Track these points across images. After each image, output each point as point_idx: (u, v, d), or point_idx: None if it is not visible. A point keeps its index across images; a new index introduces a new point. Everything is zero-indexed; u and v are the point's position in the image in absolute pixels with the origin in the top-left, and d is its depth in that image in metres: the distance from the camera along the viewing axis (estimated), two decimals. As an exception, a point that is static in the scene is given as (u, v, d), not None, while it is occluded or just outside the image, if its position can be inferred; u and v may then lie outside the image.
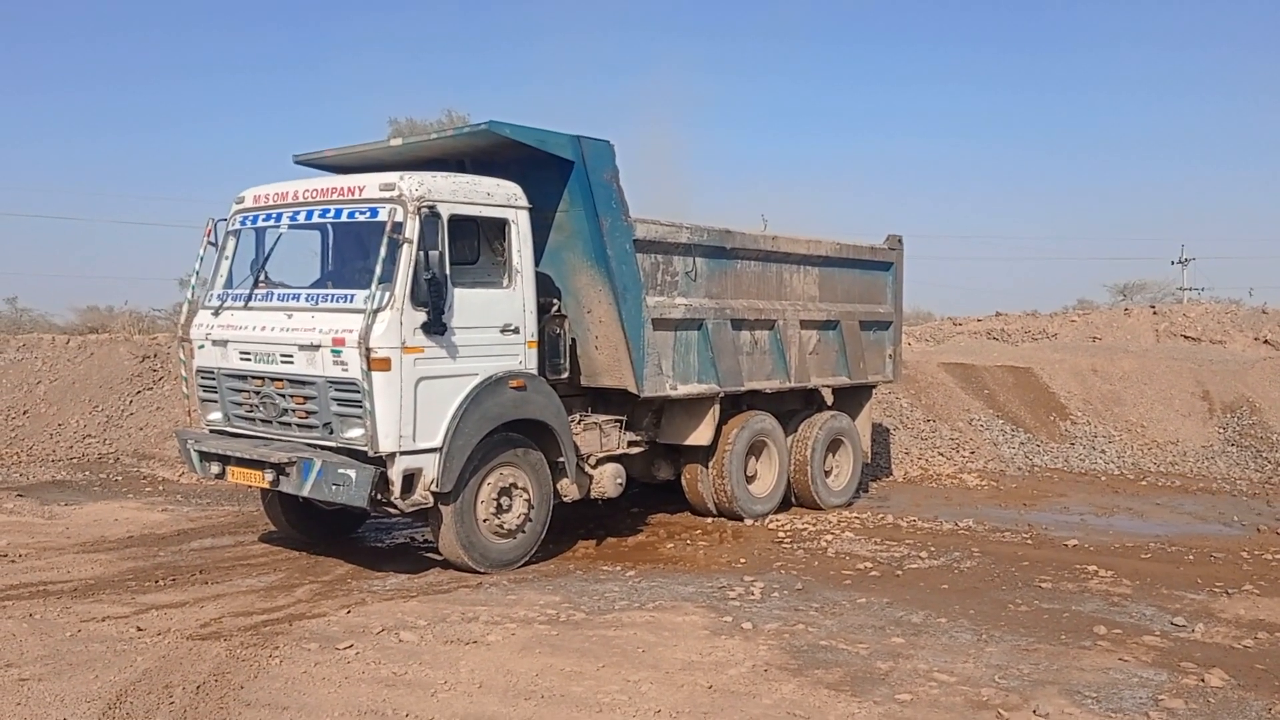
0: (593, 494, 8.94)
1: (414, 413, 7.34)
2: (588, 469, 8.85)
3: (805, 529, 9.88)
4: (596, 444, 9.01)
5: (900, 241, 12.12)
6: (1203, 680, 5.47)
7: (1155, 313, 24.03)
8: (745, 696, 5.29)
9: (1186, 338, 21.85)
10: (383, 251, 7.24)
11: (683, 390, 9.45)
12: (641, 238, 8.92)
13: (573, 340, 8.84)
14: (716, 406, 9.82)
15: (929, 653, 6.01)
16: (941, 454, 14.49)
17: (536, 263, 8.40)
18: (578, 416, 8.96)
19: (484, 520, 7.87)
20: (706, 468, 10.07)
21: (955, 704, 5.17)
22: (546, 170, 8.46)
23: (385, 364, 7.21)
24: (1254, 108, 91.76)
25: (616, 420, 9.25)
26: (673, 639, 6.23)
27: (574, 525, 9.44)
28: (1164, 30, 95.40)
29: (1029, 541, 9.40)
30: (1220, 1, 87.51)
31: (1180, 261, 49.74)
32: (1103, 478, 13.88)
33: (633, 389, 8.91)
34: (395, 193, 7.46)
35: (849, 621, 6.69)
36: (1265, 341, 21.20)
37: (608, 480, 8.96)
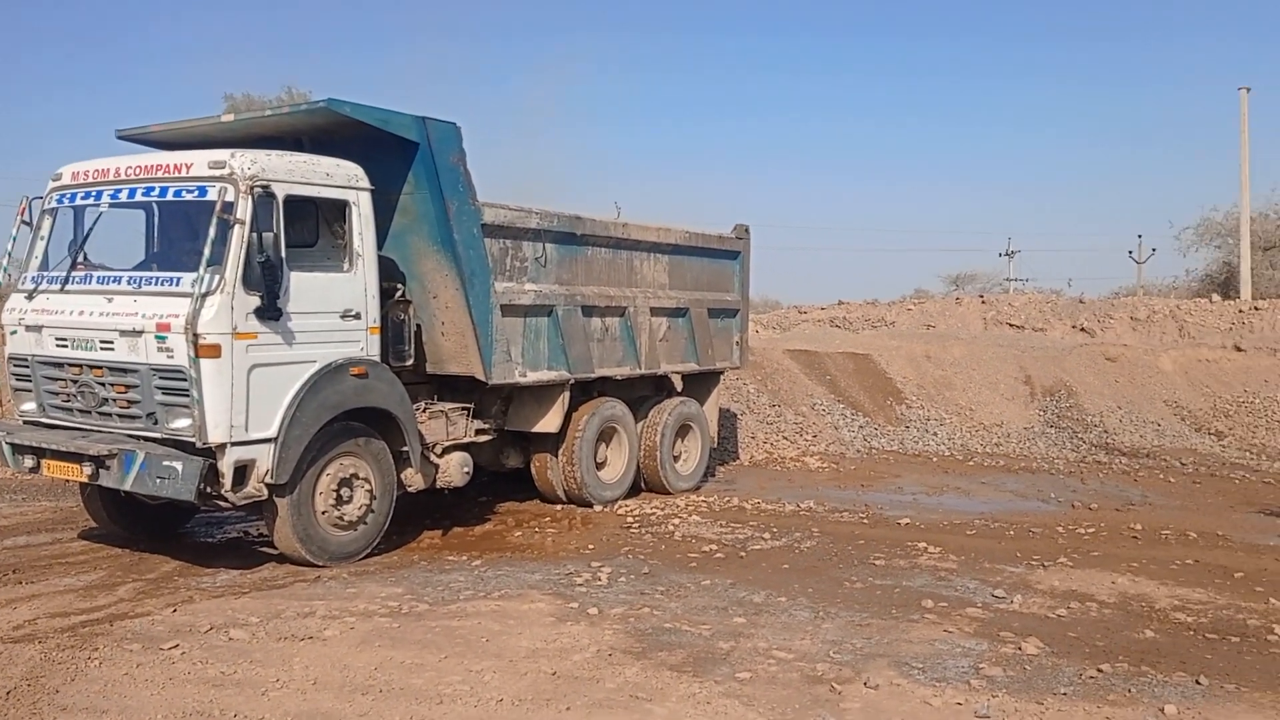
0: (439, 483, 8.81)
1: (246, 402, 7.07)
2: (433, 458, 8.71)
3: (654, 513, 9.98)
4: (442, 432, 8.88)
5: (747, 231, 12.35)
6: (1020, 649, 5.77)
7: (984, 302, 25.25)
8: (589, 681, 5.31)
9: (1011, 325, 23.02)
10: (212, 233, 6.95)
11: (532, 377, 9.40)
12: (490, 222, 8.81)
13: (418, 326, 8.67)
14: (567, 393, 9.80)
15: (769, 631, 6.16)
16: (786, 438, 14.87)
17: (379, 246, 8.20)
18: (423, 404, 8.81)
19: (323, 512, 7.65)
20: (556, 455, 10.06)
21: (792, 680, 5.31)
22: (390, 151, 8.26)
23: (215, 351, 6.91)
24: (1073, 108, 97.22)
25: (463, 408, 9.14)
26: (518, 627, 6.20)
27: (419, 515, 9.28)
28: (994, 26, 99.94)
29: (865, 521, 9.75)
30: None
31: (1007, 254, 52.38)
32: (934, 458, 14.50)
33: (480, 376, 8.81)
34: (226, 171, 7.15)
35: (693, 603, 6.79)
36: (1081, 329, 22.54)
37: (454, 469, 8.84)
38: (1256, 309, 22.32)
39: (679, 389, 11.95)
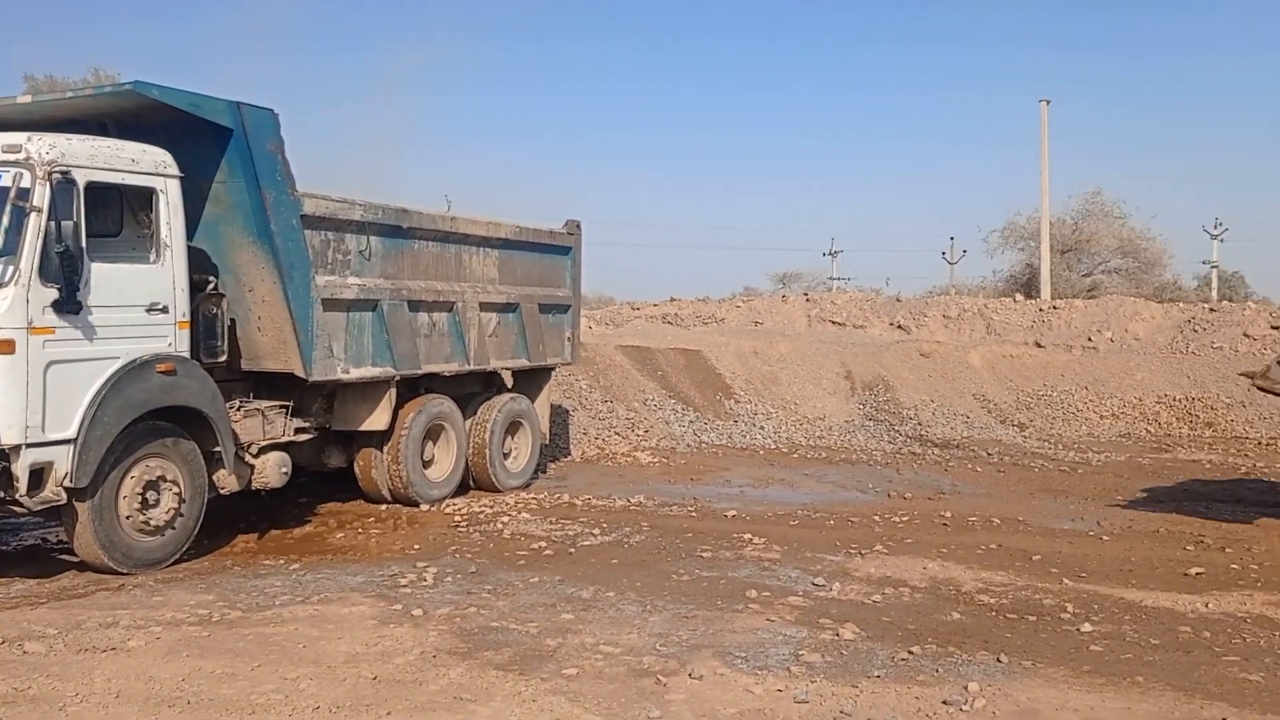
0: (255, 485, 8.45)
1: (43, 400, 6.63)
2: (248, 458, 8.35)
3: (483, 512, 9.87)
4: (259, 432, 8.52)
5: (579, 227, 12.35)
6: (837, 634, 5.97)
7: (808, 300, 26.09)
8: (411, 684, 5.19)
9: (834, 323, 23.87)
10: (6, 221, 6.55)
11: (356, 374, 9.14)
12: (311, 213, 8.52)
13: (232, 321, 8.30)
14: (393, 390, 9.58)
15: (596, 626, 6.17)
16: (618, 433, 14.96)
17: (190, 237, 7.81)
18: (237, 403, 8.43)
19: (127, 517, 7.23)
20: (381, 453, 9.81)
21: (618, 674, 5.34)
22: (202, 138, 7.88)
23: (8, 346, 6.47)
24: (892, 113, 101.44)
25: (281, 406, 8.79)
26: (337, 632, 6.01)
27: (235, 519, 8.89)
28: (817, 30, 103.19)
29: (694, 514, 9.90)
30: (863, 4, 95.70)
31: (830, 254, 54.22)
32: (761, 452, 14.86)
33: (300, 373, 8.51)
34: (21, 155, 6.70)
35: (521, 601, 6.74)
36: (898, 326, 23.57)
37: (271, 470, 8.51)
38: (1055, 308, 23.84)
39: (510, 385, 11.85)
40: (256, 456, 8.43)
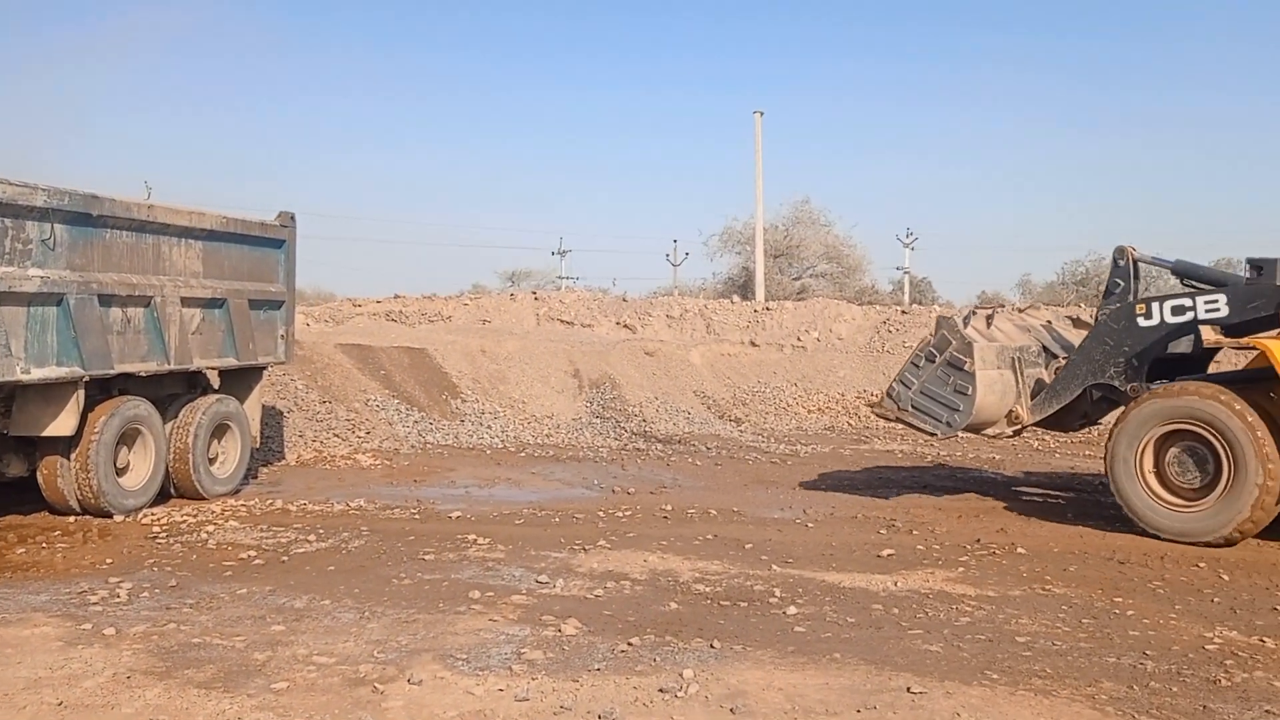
0: (-87, 498, 7.51)
1: None
2: (-94, 469, 7.41)
3: (185, 521, 9.23)
4: (-82, 439, 7.58)
5: (293, 219, 11.80)
6: (560, 630, 6.00)
7: (537, 298, 26.22)
8: (102, 709, 4.76)
9: (563, 321, 24.12)
10: None
11: (38, 374, 8.31)
12: (-18, 199, 7.67)
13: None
14: (81, 392, 8.78)
15: (310, 637, 5.90)
16: (337, 435, 14.43)
17: None
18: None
19: None
20: (69, 460, 8.96)
21: (333, 684, 5.12)
22: None
23: None
24: (617, 115, 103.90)
25: (-54, 410, 7.87)
26: (17, 656, 5.44)
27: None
28: (542, 35, 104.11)
29: (417, 516, 9.69)
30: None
31: (559, 253, 54.89)
32: (488, 451, 14.78)
33: (-32, 373, 7.64)
34: None
35: (227, 614, 6.35)
36: (625, 326, 24.14)
37: (-66, 481, 7.59)
38: (768, 309, 25.20)
39: (216, 386, 11.17)
40: (-85, 467, 7.49)
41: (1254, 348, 8.83)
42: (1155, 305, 9.25)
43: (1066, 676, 5.23)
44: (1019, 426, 10.12)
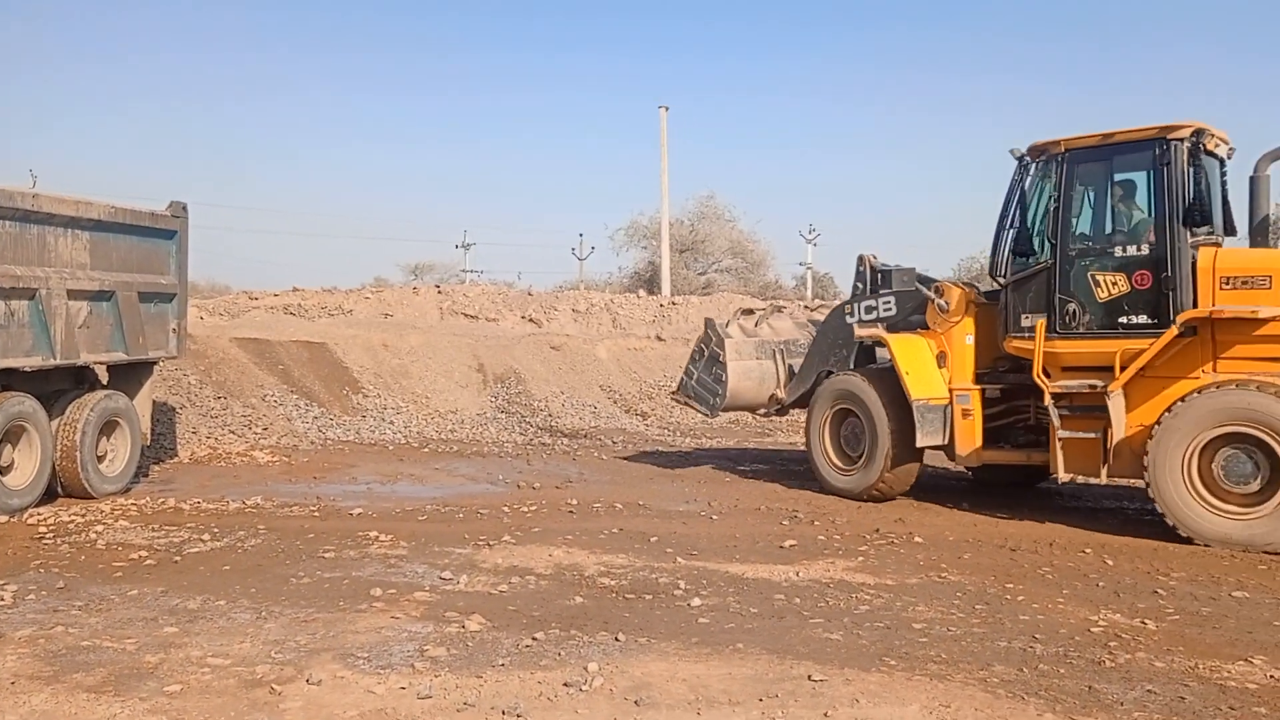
0: None
1: None
2: None
3: (73, 521, 8.91)
4: None
5: (185, 209, 11.45)
6: (464, 626, 5.95)
7: (440, 292, 25.93)
8: (-19, 719, 4.57)
9: (467, 315, 23.90)
10: None
11: (-91, 369, 7.92)
12: None
13: None
14: (-43, 388, 8.40)
15: (204, 638, 5.74)
16: (233, 431, 14.08)
17: None
18: None
19: None
20: (-55, 460, 8.58)
21: (228, 687, 5.00)
22: None
23: None
24: (524, 112, 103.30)
25: None
26: (-116, 670, 5.17)
27: None
28: (449, 31, 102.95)
29: (316, 514, 9.50)
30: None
31: (463, 246, 54.37)
32: (390, 447, 14.58)
33: None
34: None
35: (117, 616, 6.15)
36: (530, 320, 24.03)
37: None
38: (674, 304, 25.37)
39: (105, 381, 10.79)
40: None
41: (882, 342, 10.49)
42: (855, 305, 11.02)
43: (960, 661, 5.38)
44: (779, 406, 11.98)
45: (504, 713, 4.65)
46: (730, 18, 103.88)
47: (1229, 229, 9.25)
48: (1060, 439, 9.05)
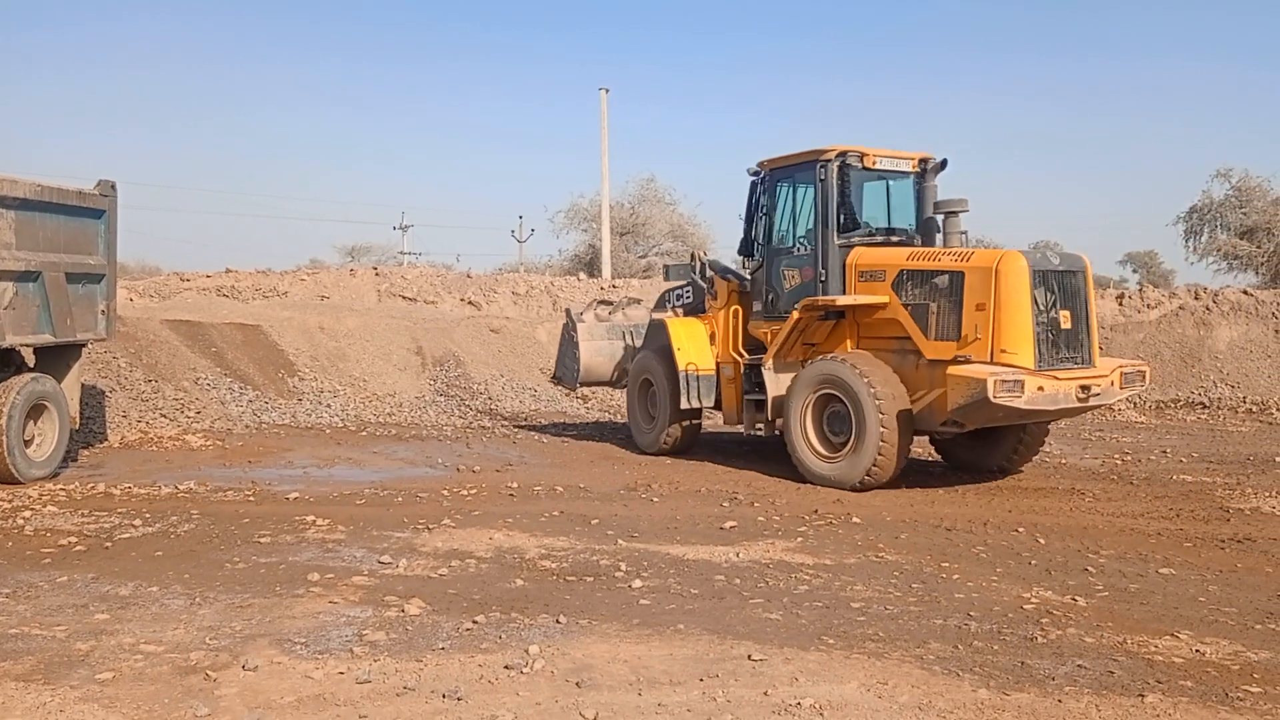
0: None
1: None
2: None
3: (0, 506, 8.68)
4: None
5: (114, 188, 11.17)
6: (403, 611, 5.91)
7: (378, 274, 25.58)
8: (-97, 710, 4.43)
9: (404, 298, 23.63)
10: None
11: None
12: None
13: None
14: (-126, 370, 8.14)
15: (136, 625, 5.64)
16: (164, 415, 13.80)
17: None
18: None
19: None
20: None
21: (161, 673, 4.91)
22: None
23: None
24: (459, 92, 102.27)
25: None
26: None
27: None
28: (394, 10, 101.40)
29: (252, 498, 9.36)
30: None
31: (401, 228, 53.75)
32: (327, 430, 14.40)
33: None
34: None
35: (46, 603, 6.01)
36: (469, 303, 23.83)
37: None
38: (615, 286, 25.28)
39: (31, 364, 10.50)
40: None
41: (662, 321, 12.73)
42: (670, 294, 13.37)
43: (897, 639, 5.47)
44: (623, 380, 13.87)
45: (444, 696, 4.62)
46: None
47: (924, 230, 10.87)
48: (744, 399, 11.68)
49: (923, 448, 11.97)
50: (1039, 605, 6.13)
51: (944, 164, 11.03)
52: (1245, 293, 21.03)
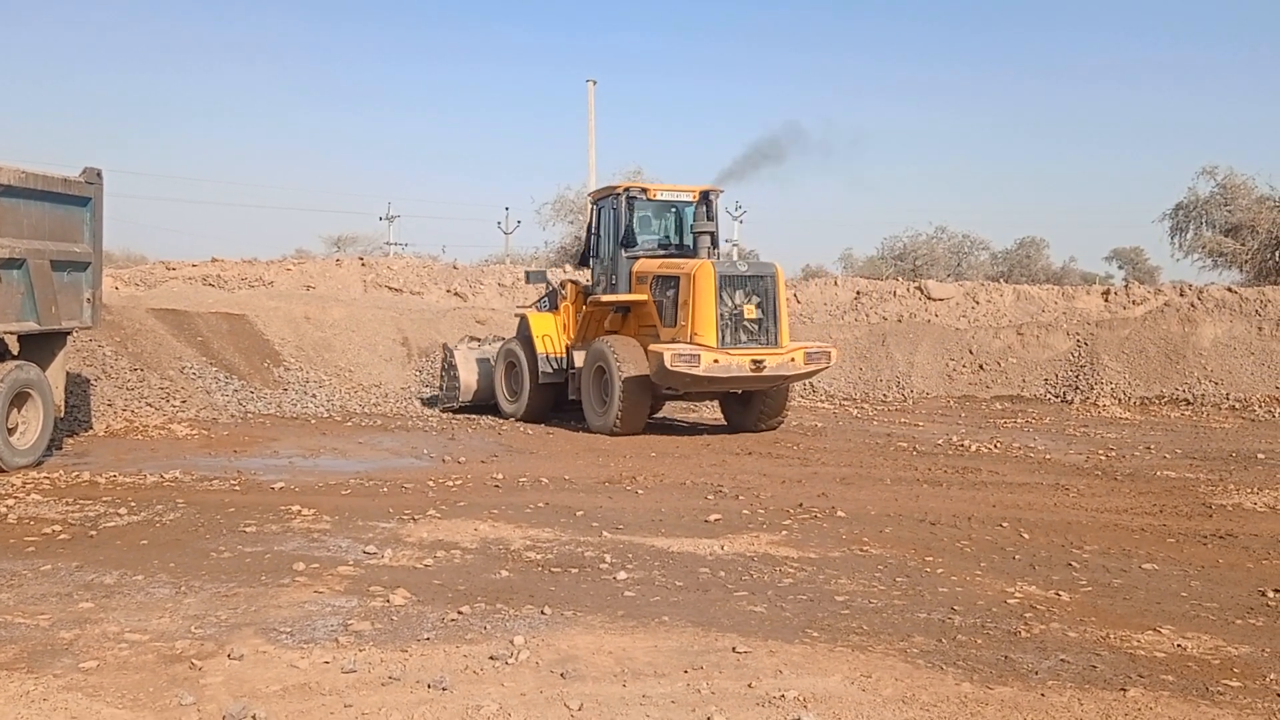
0: None
1: None
2: None
3: (-19, 495, 8.63)
4: None
5: (100, 176, 11.11)
6: (388, 601, 5.91)
7: (364, 264, 25.53)
8: (-117, 699, 4.41)
9: (390, 289, 23.59)
10: None
11: None
12: None
13: None
14: None
15: (121, 614, 5.62)
16: (150, 404, 13.75)
17: None
18: None
19: None
20: None
21: (146, 662, 4.90)
22: None
23: None
24: (449, 86, 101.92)
25: None
26: None
27: None
28: (381, 7, 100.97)
29: (237, 488, 9.34)
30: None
31: (387, 218, 53.56)
32: (313, 420, 14.37)
33: None
34: None
35: (30, 592, 5.98)
36: (455, 294, 23.79)
37: None
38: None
39: (15, 352, 10.43)
40: None
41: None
42: (542, 299, 15.89)
43: (881, 632, 5.50)
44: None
45: (429, 686, 4.63)
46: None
47: (697, 246, 14.38)
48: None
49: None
50: (1022, 600, 6.17)
51: (720, 192, 14.76)
52: (1230, 290, 21.20)
